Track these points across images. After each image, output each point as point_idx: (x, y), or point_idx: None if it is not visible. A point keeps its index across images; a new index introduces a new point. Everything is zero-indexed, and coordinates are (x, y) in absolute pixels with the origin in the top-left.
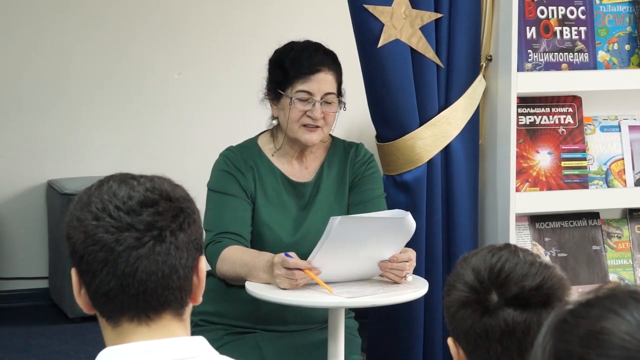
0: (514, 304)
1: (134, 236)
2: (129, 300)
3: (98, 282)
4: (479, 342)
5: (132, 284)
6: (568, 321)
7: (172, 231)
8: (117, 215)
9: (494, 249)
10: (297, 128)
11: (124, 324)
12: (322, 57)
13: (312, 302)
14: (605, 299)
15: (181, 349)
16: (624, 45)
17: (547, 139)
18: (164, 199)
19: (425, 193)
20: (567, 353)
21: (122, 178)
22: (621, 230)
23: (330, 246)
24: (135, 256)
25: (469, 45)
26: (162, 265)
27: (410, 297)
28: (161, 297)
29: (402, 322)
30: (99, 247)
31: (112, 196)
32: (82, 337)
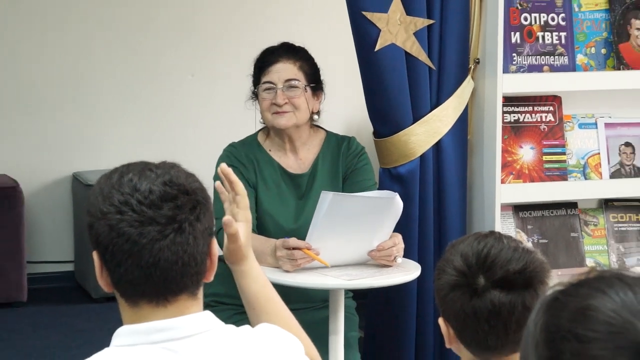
0: (499, 286)
1: (156, 229)
2: (151, 287)
3: (122, 270)
4: (467, 321)
5: (154, 273)
6: (559, 299)
7: (190, 222)
8: (139, 210)
9: (480, 236)
10: (269, 116)
11: (142, 306)
12: (280, 50)
13: (315, 284)
14: (593, 280)
15: (192, 325)
16: (601, 50)
17: (530, 135)
18: (182, 192)
19: (418, 184)
20: (556, 328)
21: (140, 169)
22: (597, 218)
23: (325, 222)
24: (158, 248)
25: (458, 49)
26: (182, 254)
27: (404, 280)
28: (180, 283)
29: (396, 302)
30: (123, 240)
31: (133, 190)
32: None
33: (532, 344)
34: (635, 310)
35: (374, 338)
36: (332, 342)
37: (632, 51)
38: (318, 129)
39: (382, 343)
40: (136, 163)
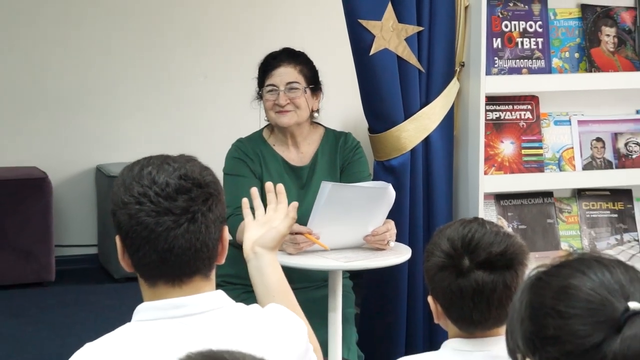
0: (482, 267)
1: (171, 219)
2: (167, 270)
3: (141, 254)
4: (454, 299)
5: (169, 258)
6: (542, 279)
7: (203, 213)
8: (156, 201)
9: (465, 222)
10: (273, 115)
11: (160, 286)
12: (282, 56)
13: (315, 265)
14: (574, 261)
15: (206, 303)
16: (574, 54)
17: (510, 131)
18: (195, 186)
19: (409, 176)
20: (540, 305)
21: (159, 163)
22: (571, 206)
23: (324, 210)
24: (173, 236)
25: (445, 53)
26: (195, 241)
27: (396, 262)
28: (193, 266)
29: (389, 282)
30: (142, 228)
31: (151, 182)
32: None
33: (517, 319)
34: (611, 289)
35: (369, 314)
36: (331, 318)
37: (603, 55)
38: (317, 126)
39: (377, 319)
40: (156, 156)
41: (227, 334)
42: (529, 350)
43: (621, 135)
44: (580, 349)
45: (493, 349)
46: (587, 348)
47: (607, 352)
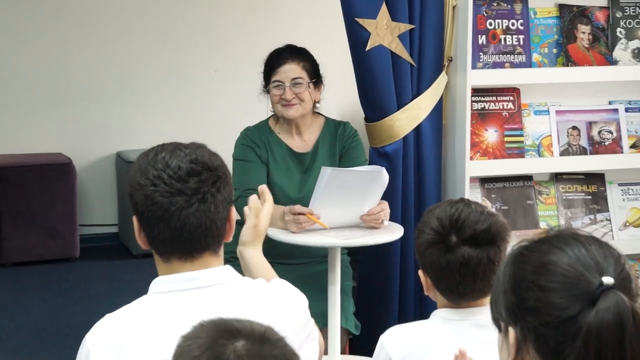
0: (468, 243)
1: (183, 199)
2: (179, 246)
3: (156, 232)
4: (442, 272)
5: (182, 234)
6: (524, 254)
7: (212, 194)
8: (169, 183)
9: (452, 202)
10: (279, 108)
11: (173, 261)
12: (286, 53)
13: (316, 243)
14: (552, 238)
15: (215, 276)
16: (552, 49)
17: (494, 120)
18: (205, 169)
19: (401, 161)
20: (521, 278)
21: (172, 149)
22: (549, 189)
23: (324, 192)
24: (185, 214)
25: (434, 49)
26: (205, 220)
27: (390, 239)
28: (203, 243)
29: (383, 257)
30: (156, 207)
31: (165, 166)
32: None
33: (501, 291)
34: (587, 265)
35: (365, 287)
36: (330, 290)
37: (578, 51)
38: (319, 115)
39: (372, 291)
40: (170, 143)
41: (234, 304)
42: (511, 319)
43: (595, 124)
44: (557, 320)
45: (478, 318)
46: (564, 319)
47: (582, 323)
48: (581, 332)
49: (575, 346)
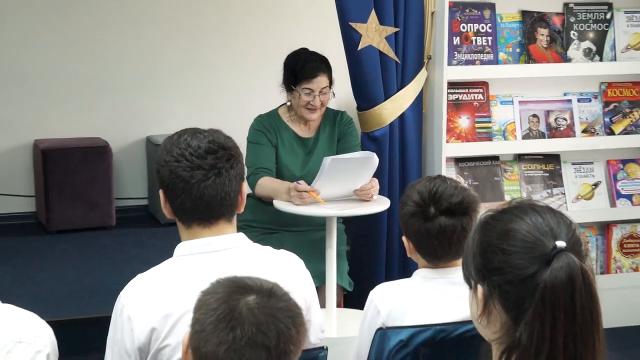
0: (444, 213)
1: (202, 173)
2: (199, 213)
3: (179, 202)
4: (422, 238)
5: (200, 203)
6: (489, 222)
7: (226, 169)
8: (190, 159)
9: (431, 179)
10: (303, 110)
11: (194, 227)
12: (319, 65)
13: (316, 213)
14: (513, 208)
15: (229, 242)
16: (516, 49)
17: (466, 109)
18: (221, 148)
19: (388, 144)
20: (488, 243)
21: (193, 132)
22: (513, 167)
23: (325, 178)
24: (203, 186)
25: (416, 48)
26: (220, 191)
27: (378, 210)
28: (219, 211)
29: (373, 225)
30: (179, 180)
31: (187, 146)
32: (169, 235)
33: (470, 254)
34: (543, 231)
35: (357, 251)
36: (327, 253)
37: (538, 50)
38: None
39: (363, 254)
40: (191, 128)
41: (245, 266)
42: (479, 278)
43: (552, 112)
44: (518, 278)
45: (453, 276)
46: (524, 277)
47: (539, 280)
48: (538, 288)
49: (533, 300)
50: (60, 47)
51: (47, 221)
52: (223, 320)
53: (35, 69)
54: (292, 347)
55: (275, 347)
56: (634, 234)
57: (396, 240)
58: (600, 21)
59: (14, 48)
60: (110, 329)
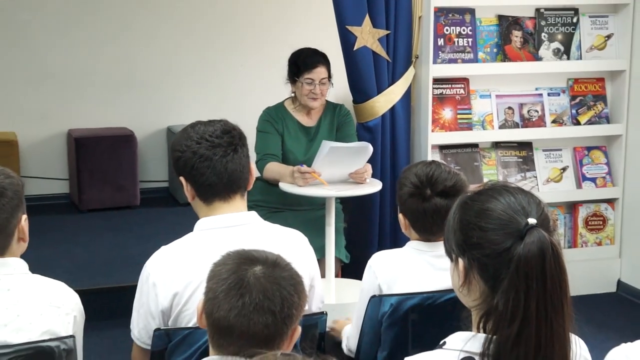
0: (439, 195)
1: (222, 150)
2: (222, 187)
3: (204, 178)
4: (419, 216)
5: (224, 176)
6: (468, 202)
7: (240, 147)
8: (210, 140)
9: (427, 163)
10: (306, 99)
11: (215, 203)
12: (318, 57)
13: (317, 194)
14: (489, 189)
15: (242, 219)
16: (493, 49)
17: (449, 102)
18: (233, 129)
19: (380, 133)
20: (467, 221)
21: (206, 122)
22: (490, 154)
23: (324, 161)
24: (224, 161)
25: (405, 48)
26: (238, 165)
27: (371, 191)
28: (236, 184)
29: (367, 204)
30: (203, 159)
31: (204, 131)
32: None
33: (451, 231)
34: (516, 209)
35: (353, 227)
36: (327, 229)
37: (513, 50)
38: None
39: (358, 230)
40: (202, 120)
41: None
42: (460, 252)
43: (525, 105)
44: (495, 252)
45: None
46: (500, 251)
47: (514, 253)
48: (513, 260)
49: (509, 271)
50: (91, 47)
51: (79, 201)
52: (233, 289)
53: (68, 66)
54: (294, 312)
55: (280, 312)
56: (597, 213)
57: (387, 217)
58: (568, 24)
59: (50, 47)
60: (137, 295)
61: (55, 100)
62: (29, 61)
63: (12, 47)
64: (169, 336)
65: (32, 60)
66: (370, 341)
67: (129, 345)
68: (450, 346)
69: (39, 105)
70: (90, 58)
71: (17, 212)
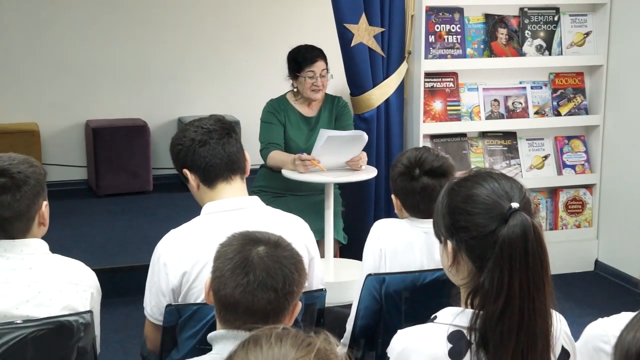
0: (427, 174)
1: (217, 134)
2: (222, 167)
3: (207, 160)
4: (408, 194)
5: (224, 156)
6: (455, 188)
7: (233, 132)
8: (206, 127)
9: (417, 148)
10: (309, 91)
11: (218, 185)
12: (316, 52)
13: (317, 180)
14: (474, 176)
15: (245, 202)
16: (480, 45)
17: (440, 95)
18: (224, 119)
19: (376, 123)
20: (454, 205)
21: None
22: (478, 143)
23: (323, 148)
24: (221, 143)
25: (398, 45)
26: (234, 147)
27: (367, 177)
28: (235, 165)
29: (363, 189)
30: (202, 143)
31: (198, 122)
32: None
33: (440, 215)
34: (500, 194)
35: (350, 210)
36: (326, 213)
37: (499, 46)
38: None
39: (355, 213)
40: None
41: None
42: (448, 235)
43: (510, 97)
44: (481, 234)
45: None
46: (485, 234)
47: (498, 235)
48: (498, 242)
49: (494, 252)
50: (108, 44)
51: (97, 187)
52: (238, 267)
53: (86, 61)
54: (295, 288)
55: (282, 289)
56: (576, 197)
57: (382, 202)
58: (549, 23)
59: (69, 44)
60: (149, 274)
61: (74, 93)
62: (50, 56)
63: (34, 44)
64: (179, 312)
65: (52, 56)
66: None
67: (142, 320)
68: (440, 320)
69: (59, 98)
70: (106, 54)
71: (38, 199)
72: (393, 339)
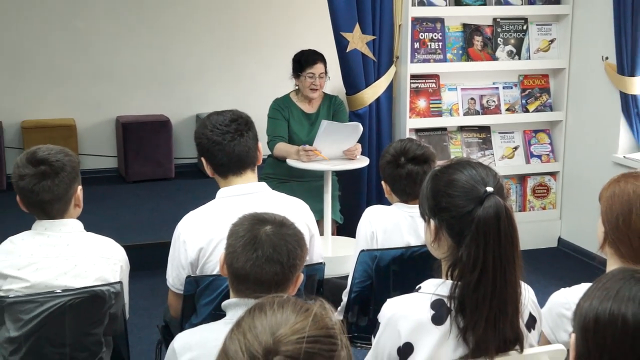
0: (411, 162)
1: (230, 135)
2: (233, 165)
3: (218, 158)
4: (395, 180)
5: (233, 157)
6: (437, 174)
7: (246, 132)
8: (220, 128)
9: (403, 139)
10: (307, 90)
11: (229, 177)
12: (317, 56)
13: (317, 168)
14: (455, 164)
15: (254, 188)
16: (459, 51)
17: (424, 94)
18: (239, 117)
19: (368, 119)
20: (437, 190)
21: (220, 112)
22: (457, 136)
23: (323, 136)
24: (233, 144)
25: (388, 50)
26: (245, 147)
27: (360, 165)
28: (246, 162)
29: (357, 176)
30: (215, 144)
31: (216, 120)
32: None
33: (424, 198)
34: (476, 180)
35: (346, 195)
36: (325, 196)
37: (475, 52)
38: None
39: (350, 196)
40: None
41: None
42: (431, 215)
43: (484, 96)
44: (460, 214)
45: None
46: (464, 214)
47: (475, 215)
48: (474, 221)
49: (470, 229)
50: (136, 49)
51: (126, 174)
52: (248, 244)
53: (117, 65)
54: (298, 262)
55: (287, 262)
56: (542, 183)
57: (374, 187)
58: (519, 31)
59: (101, 49)
60: (170, 251)
61: (107, 92)
62: (86, 61)
63: (71, 49)
64: (197, 282)
65: (88, 61)
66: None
67: (165, 290)
68: (424, 290)
69: (94, 96)
70: (135, 59)
71: (73, 184)
72: (383, 307)
